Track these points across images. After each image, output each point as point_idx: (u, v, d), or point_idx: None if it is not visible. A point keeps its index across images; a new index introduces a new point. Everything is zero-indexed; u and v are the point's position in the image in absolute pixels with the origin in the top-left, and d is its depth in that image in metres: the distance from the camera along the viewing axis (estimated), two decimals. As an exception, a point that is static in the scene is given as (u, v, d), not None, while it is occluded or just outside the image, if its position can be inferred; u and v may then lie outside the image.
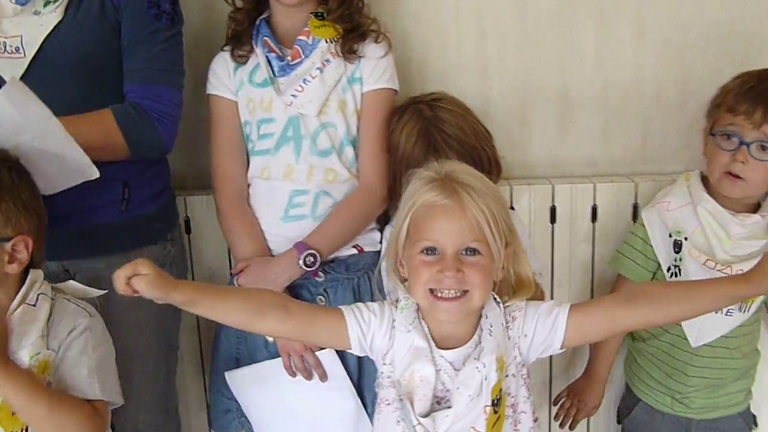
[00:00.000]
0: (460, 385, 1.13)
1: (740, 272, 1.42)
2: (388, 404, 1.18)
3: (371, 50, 1.53)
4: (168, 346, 1.61)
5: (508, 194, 1.72)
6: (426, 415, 1.13)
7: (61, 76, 1.41)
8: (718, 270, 1.50)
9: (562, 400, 1.77)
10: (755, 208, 1.55)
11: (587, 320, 1.17)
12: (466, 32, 1.75)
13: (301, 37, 1.50)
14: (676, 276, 1.55)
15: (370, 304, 1.22)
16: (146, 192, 1.52)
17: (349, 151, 1.53)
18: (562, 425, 1.78)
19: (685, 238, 1.54)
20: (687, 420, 1.62)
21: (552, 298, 1.75)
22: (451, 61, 1.76)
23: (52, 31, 1.40)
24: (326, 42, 1.49)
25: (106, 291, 1.30)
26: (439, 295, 1.12)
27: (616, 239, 1.73)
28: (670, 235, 1.55)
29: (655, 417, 1.65)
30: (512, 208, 1.72)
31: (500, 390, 1.14)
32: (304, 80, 1.49)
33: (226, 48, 1.55)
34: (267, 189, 1.53)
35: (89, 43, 1.42)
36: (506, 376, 1.17)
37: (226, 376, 1.54)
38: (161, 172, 1.57)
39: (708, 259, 1.51)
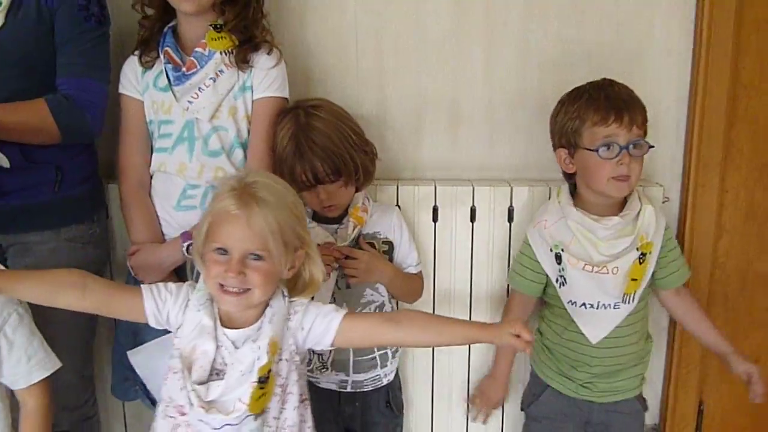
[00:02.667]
0: (236, 361, 1.29)
1: (615, 270, 1.65)
2: (174, 372, 1.33)
3: (263, 61, 1.69)
4: (86, 318, 1.76)
5: (394, 193, 1.89)
6: (201, 384, 1.29)
7: (3, 71, 1.60)
8: (596, 271, 1.66)
9: (473, 399, 1.96)
10: (619, 208, 1.70)
11: (354, 329, 1.36)
12: (365, 46, 1.92)
13: (197, 49, 1.66)
14: (563, 285, 1.70)
15: (170, 284, 1.38)
16: (77, 176, 1.71)
17: (239, 153, 1.69)
18: (475, 420, 1.98)
19: (562, 250, 1.69)
20: (590, 403, 1.77)
21: (433, 288, 1.93)
22: (351, 73, 1.93)
23: None
24: (221, 54, 1.67)
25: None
26: (226, 289, 1.29)
27: (492, 240, 1.90)
28: (551, 250, 1.71)
29: (561, 401, 1.79)
30: (398, 206, 1.89)
31: (269, 371, 1.30)
32: (199, 88, 1.66)
33: (136, 52, 1.73)
34: (164, 181, 1.71)
35: (28, 43, 1.61)
36: (279, 360, 1.33)
37: (128, 355, 1.69)
38: (90, 159, 1.77)
39: (586, 264, 1.67)
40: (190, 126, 1.68)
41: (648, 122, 1.66)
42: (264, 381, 1.29)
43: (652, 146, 1.65)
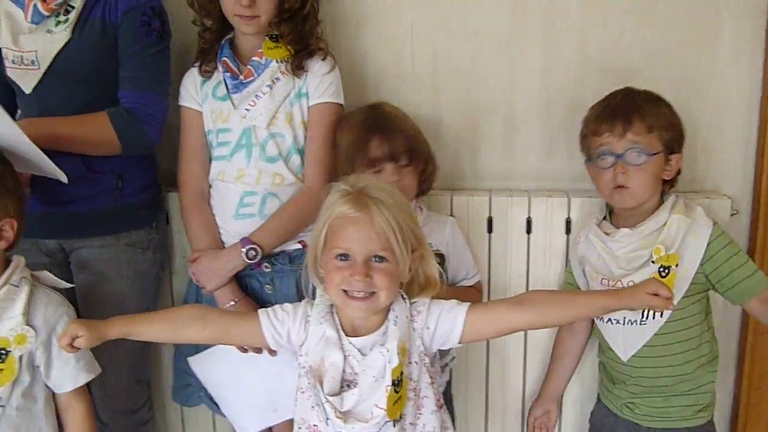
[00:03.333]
0: (366, 368, 1.27)
1: (630, 283, 1.55)
2: (302, 392, 1.34)
3: (317, 67, 1.71)
4: None
5: (448, 203, 1.85)
6: (334, 395, 1.27)
7: (70, 84, 1.68)
8: (612, 285, 1.59)
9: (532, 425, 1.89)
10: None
11: (481, 320, 1.32)
12: (420, 53, 1.90)
13: (254, 58, 1.70)
14: None
15: (285, 305, 1.38)
16: (137, 184, 1.77)
17: (296, 159, 1.71)
18: None
19: (587, 266, 1.67)
20: (635, 425, 1.68)
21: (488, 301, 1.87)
22: (407, 79, 1.92)
23: (63, 47, 1.67)
24: (277, 62, 1.69)
25: (73, 286, 1.56)
26: (351, 294, 1.27)
27: (549, 252, 1.85)
28: (580, 264, 1.70)
29: (609, 417, 1.73)
30: (452, 215, 1.85)
31: (401, 373, 1.27)
32: (256, 96, 1.69)
33: (196, 63, 1.77)
34: (222, 190, 1.74)
35: (93, 57, 1.68)
36: (409, 362, 1.30)
37: (189, 362, 1.74)
38: (150, 168, 1.83)
39: (603, 278, 1.62)
40: (248, 133, 1.70)
41: (677, 130, 1.60)
42: (398, 384, 1.27)
43: (655, 153, 1.56)
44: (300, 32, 1.71)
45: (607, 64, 1.85)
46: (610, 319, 1.63)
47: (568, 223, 1.83)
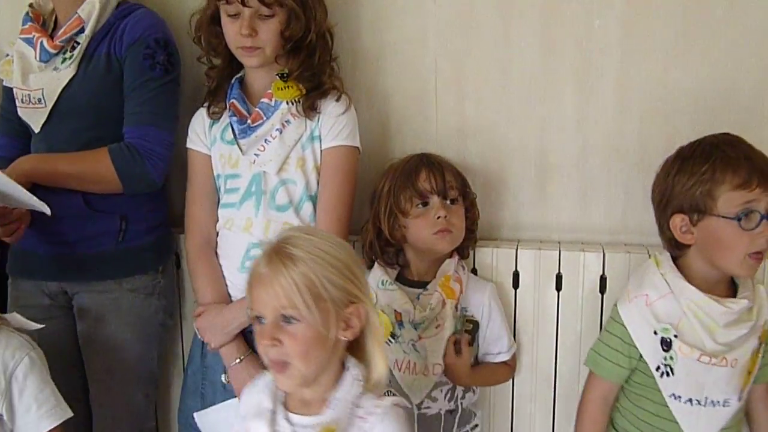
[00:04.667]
0: None
1: (735, 362, 1.39)
2: None
3: (331, 108, 1.60)
4: (148, 372, 1.76)
5: (471, 254, 1.71)
6: None
7: (76, 121, 1.65)
8: (714, 363, 1.40)
9: None
10: (726, 288, 1.45)
11: None
12: (445, 92, 1.77)
13: (264, 100, 1.59)
14: (667, 375, 1.43)
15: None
16: (142, 226, 1.70)
17: (308, 207, 1.60)
18: None
19: (675, 335, 1.42)
20: None
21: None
22: (430, 121, 1.78)
23: (67, 83, 1.63)
24: (287, 104, 1.59)
25: (43, 326, 1.48)
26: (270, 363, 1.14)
27: (581, 312, 1.67)
28: (656, 332, 1.43)
29: None
30: (474, 270, 1.71)
31: None
32: (265, 140, 1.58)
33: (205, 104, 1.69)
34: (229, 239, 1.64)
35: (98, 93, 1.64)
36: None
37: (195, 418, 1.66)
38: (158, 208, 1.75)
39: (702, 354, 1.40)
40: (258, 180, 1.61)
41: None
42: None
43: None
44: (310, 68, 1.61)
45: (649, 108, 1.68)
46: (689, 399, 1.42)
47: (603, 280, 1.66)
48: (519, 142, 1.75)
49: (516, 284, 1.70)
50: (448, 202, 1.58)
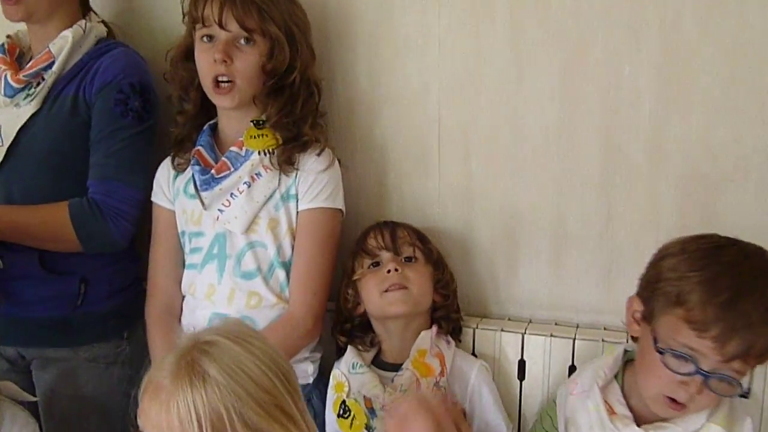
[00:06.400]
0: None
1: None
2: None
3: (311, 163, 1.41)
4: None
5: (470, 336, 1.46)
6: None
7: (35, 166, 1.49)
8: None
9: None
10: None
11: None
12: (449, 147, 1.54)
13: (233, 148, 1.42)
14: None
15: None
16: (104, 289, 1.54)
17: (279, 275, 1.42)
18: None
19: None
20: None
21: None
22: (432, 179, 1.56)
23: (27, 121, 1.49)
24: (259, 154, 1.41)
25: (36, 399, 1.39)
26: None
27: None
28: (566, 426, 1.26)
29: None
30: (474, 354, 1.46)
31: None
32: (231, 194, 1.41)
33: (171, 154, 1.52)
34: (192, 306, 1.47)
35: (58, 137, 1.49)
36: None
37: None
38: (124, 270, 1.58)
39: None
40: (221, 240, 1.42)
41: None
42: None
43: (746, 393, 1.13)
44: (291, 115, 1.42)
45: (689, 173, 1.40)
46: None
47: (625, 374, 1.38)
48: (532, 206, 1.51)
49: (522, 375, 1.44)
50: (403, 259, 1.40)
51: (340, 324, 1.46)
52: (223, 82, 1.38)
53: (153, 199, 1.53)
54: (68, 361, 1.52)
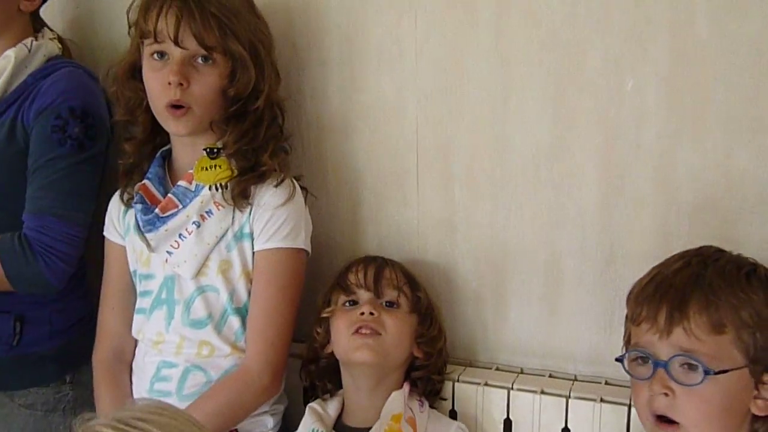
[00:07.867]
0: None
1: None
2: None
3: (268, 197, 1.25)
4: None
5: (450, 390, 1.28)
6: None
7: None
8: None
9: None
10: None
11: None
12: (428, 172, 1.36)
13: (181, 182, 1.26)
14: None
15: None
16: (44, 329, 1.41)
17: (233, 322, 1.26)
18: None
19: None
20: None
21: None
22: (411, 207, 1.39)
23: None
24: (210, 189, 1.24)
25: None
26: None
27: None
28: None
29: None
30: (453, 411, 1.28)
31: None
32: (180, 235, 1.25)
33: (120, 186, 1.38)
34: (141, 353, 1.33)
35: None
36: None
37: None
38: (70, 308, 1.44)
39: None
40: (170, 285, 1.28)
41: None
42: None
43: (721, 371, 0.94)
44: (252, 142, 1.25)
45: (704, 203, 1.20)
46: None
47: (628, 437, 1.18)
48: (523, 240, 1.32)
49: (508, 437, 1.25)
50: (384, 303, 1.24)
51: (307, 363, 1.32)
52: (176, 107, 1.22)
53: (105, 233, 1.38)
54: (2, 407, 1.40)
